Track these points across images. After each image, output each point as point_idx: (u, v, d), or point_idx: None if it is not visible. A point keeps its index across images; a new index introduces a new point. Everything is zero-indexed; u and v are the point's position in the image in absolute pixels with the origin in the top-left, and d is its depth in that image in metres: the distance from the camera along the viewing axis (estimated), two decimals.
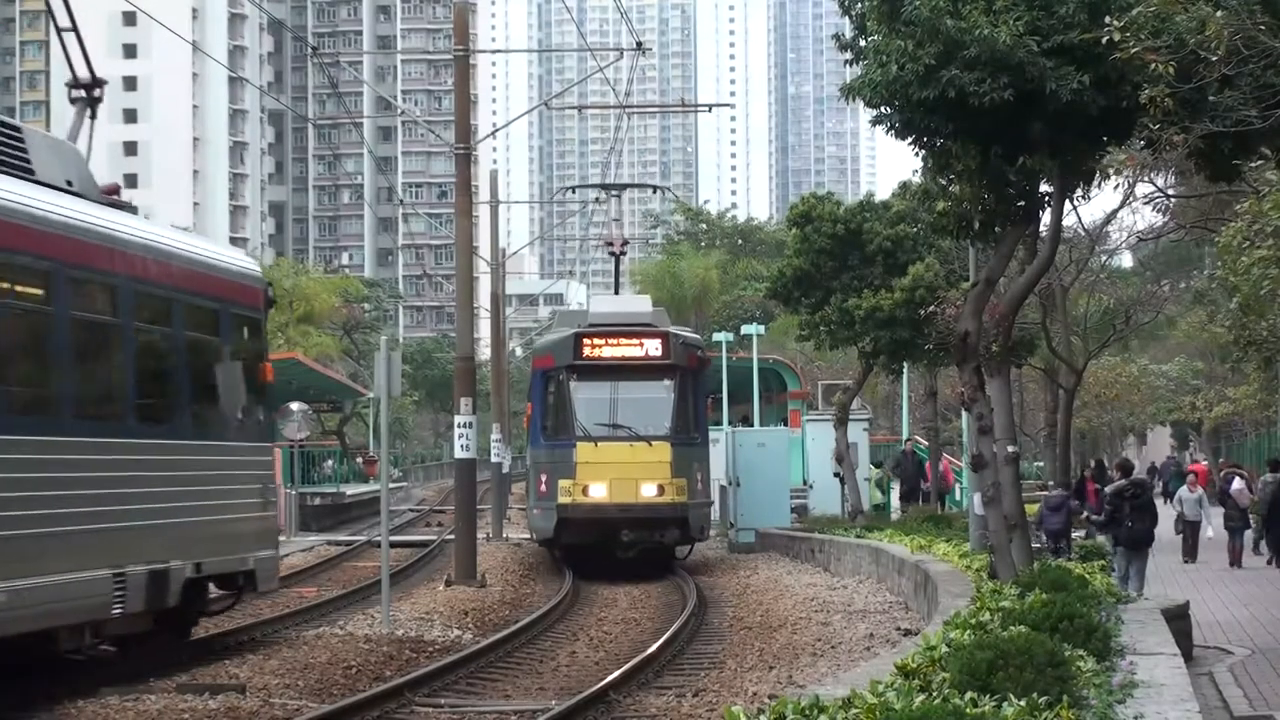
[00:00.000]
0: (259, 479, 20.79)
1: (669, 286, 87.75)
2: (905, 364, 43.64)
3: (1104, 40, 15.47)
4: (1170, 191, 37.13)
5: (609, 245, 41.64)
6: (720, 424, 46.52)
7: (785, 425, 51.33)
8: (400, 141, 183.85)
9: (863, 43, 18.44)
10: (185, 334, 19.12)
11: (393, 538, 29.75)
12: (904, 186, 38.90)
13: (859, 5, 18.45)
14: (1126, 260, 57.67)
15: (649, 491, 31.39)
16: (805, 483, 47.11)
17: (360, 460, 75.77)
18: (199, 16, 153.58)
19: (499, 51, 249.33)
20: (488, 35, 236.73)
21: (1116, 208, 40.84)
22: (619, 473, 31.33)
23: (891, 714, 8.19)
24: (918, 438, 48.29)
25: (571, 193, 40.30)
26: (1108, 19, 15.67)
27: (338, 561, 36.65)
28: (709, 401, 36.55)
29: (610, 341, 32.29)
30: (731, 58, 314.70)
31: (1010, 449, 20.21)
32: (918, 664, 10.47)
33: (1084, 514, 29.69)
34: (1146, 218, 42.92)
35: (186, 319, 19.15)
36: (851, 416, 41.67)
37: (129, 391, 17.96)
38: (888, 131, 18.63)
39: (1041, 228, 21.50)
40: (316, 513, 53.05)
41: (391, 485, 43.05)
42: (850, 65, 18.90)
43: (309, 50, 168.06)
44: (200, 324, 19.64)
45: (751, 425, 48.50)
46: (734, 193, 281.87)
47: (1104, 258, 45.18)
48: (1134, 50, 15.04)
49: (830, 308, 37.38)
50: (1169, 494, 48.89)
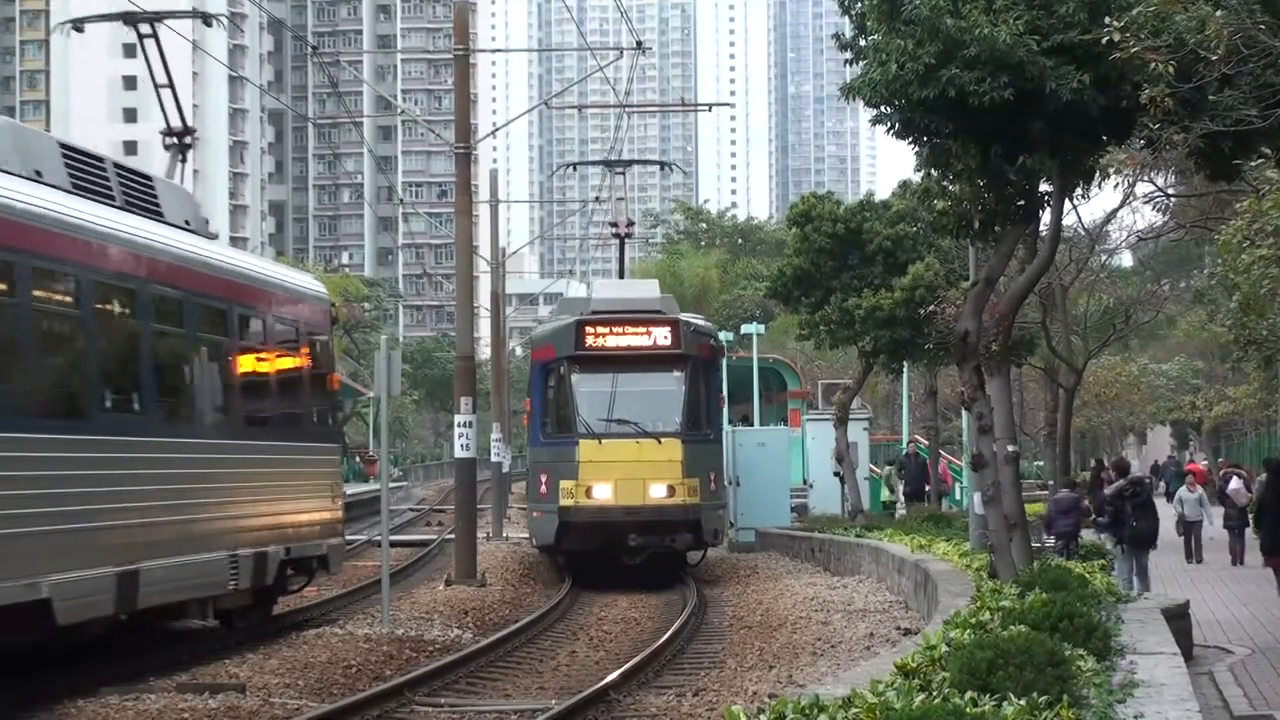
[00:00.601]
0: (331, 475, 23.76)
1: (669, 286, 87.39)
2: (905, 363, 43.66)
3: (1104, 40, 15.47)
4: (1170, 191, 37.16)
5: (613, 226, 39.40)
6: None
7: (785, 425, 51.34)
8: (400, 141, 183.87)
9: (862, 42, 18.43)
10: (277, 350, 22.32)
11: (393, 537, 29.78)
12: (904, 186, 38.91)
13: (859, 4, 18.45)
14: (1126, 260, 57.70)
15: (658, 492, 29.21)
16: (805, 482, 47.14)
17: (360, 460, 75.75)
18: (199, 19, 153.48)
19: (499, 51, 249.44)
20: (488, 35, 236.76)
21: (1116, 207, 40.95)
22: (625, 472, 29.16)
23: (891, 713, 8.19)
24: (919, 438, 48.30)
25: (572, 170, 38.28)
26: (1108, 19, 15.67)
27: None
28: (722, 395, 34.20)
29: (615, 329, 30.00)
30: (731, 57, 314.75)
31: (1010, 448, 20.21)
32: (918, 663, 10.46)
33: (1092, 515, 29.62)
34: (1146, 217, 42.99)
35: (278, 338, 22.40)
36: (851, 416, 41.67)
37: (240, 401, 21.12)
38: (887, 131, 18.63)
39: (1041, 227, 21.50)
40: None
41: (391, 485, 43.03)
42: (850, 65, 18.89)
43: (309, 49, 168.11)
44: (286, 341, 22.75)
45: (751, 425, 48.50)
46: (734, 192, 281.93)
47: (1104, 257, 45.22)
48: (1134, 50, 15.04)
49: (830, 307, 37.38)
50: (1170, 494, 48.90)
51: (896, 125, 18.26)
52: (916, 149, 19.38)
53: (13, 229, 15.63)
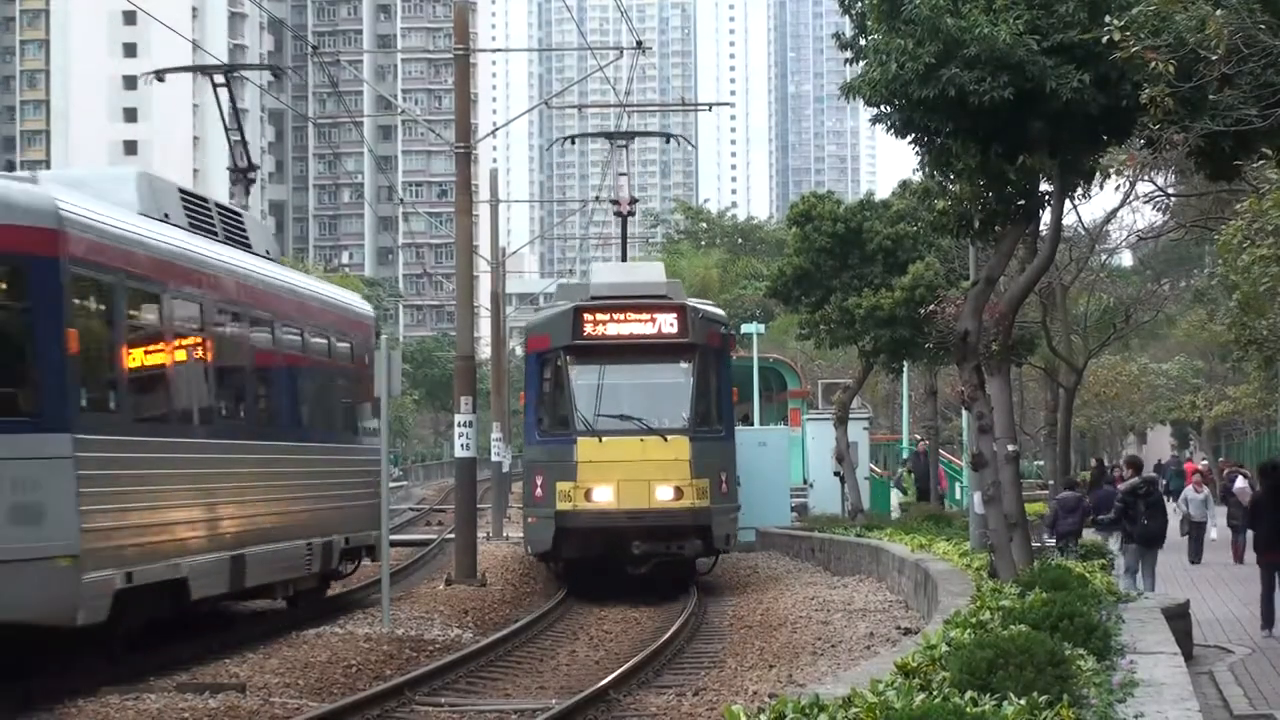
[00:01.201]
0: (374, 474, 25.62)
1: None
2: (905, 363, 43.68)
3: (1104, 39, 15.47)
4: (1170, 190, 37.16)
5: (614, 204, 36.70)
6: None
7: (785, 424, 51.34)
8: (400, 140, 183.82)
9: (863, 41, 18.43)
10: (337, 364, 25.43)
11: (393, 537, 29.74)
12: (904, 185, 38.92)
13: (859, 4, 18.45)
14: (1126, 259, 57.70)
15: (664, 494, 27.08)
16: (805, 482, 47.14)
17: None
18: (199, 15, 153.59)
19: (499, 50, 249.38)
20: (488, 34, 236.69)
21: (1116, 207, 40.95)
22: (628, 473, 27.01)
23: (891, 713, 8.19)
24: (916, 436, 48.30)
25: (571, 143, 35.57)
26: (1108, 18, 15.67)
27: None
28: (735, 388, 31.48)
29: (616, 316, 27.81)
30: (731, 57, 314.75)
31: (1010, 448, 20.21)
32: (918, 663, 10.46)
33: (1093, 515, 29.57)
34: (1146, 216, 43.02)
35: (338, 352, 25.49)
36: (851, 415, 41.68)
37: (313, 408, 24.34)
38: (887, 130, 18.63)
39: (1041, 227, 21.51)
40: None
41: (392, 485, 43.03)
42: (850, 64, 18.89)
43: (309, 49, 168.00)
44: (342, 355, 25.73)
45: (751, 424, 48.50)
46: (734, 192, 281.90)
47: (1104, 257, 45.23)
48: (1134, 49, 15.03)
49: (830, 306, 37.38)
50: (1169, 492, 48.89)
51: (896, 125, 18.27)
52: (916, 148, 19.38)
53: (154, 264, 18.66)
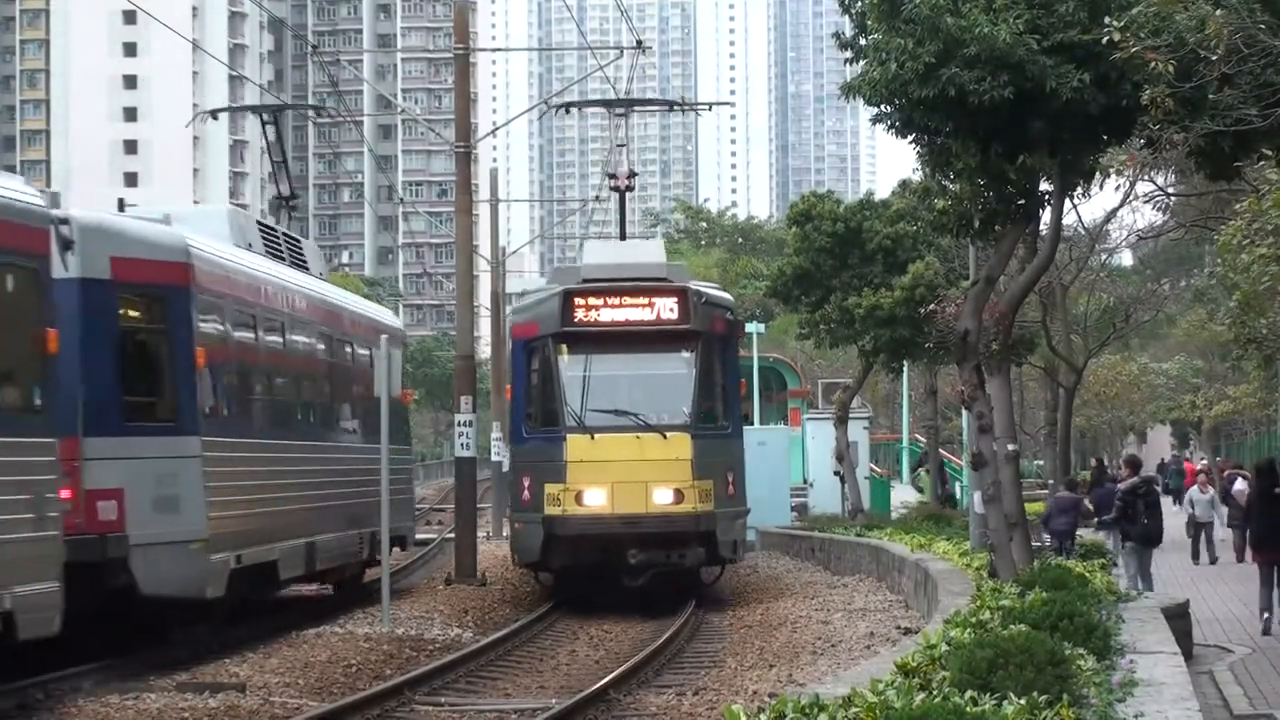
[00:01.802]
0: (406, 471, 28.73)
1: None
2: (905, 362, 43.69)
3: (1104, 40, 15.47)
4: (1170, 190, 37.15)
5: (611, 178, 33.26)
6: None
7: (785, 424, 51.36)
8: (400, 140, 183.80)
9: (863, 41, 18.44)
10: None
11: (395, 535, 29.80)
12: (904, 185, 38.94)
13: (859, 3, 18.45)
14: (1126, 259, 57.70)
15: (663, 498, 24.73)
16: (805, 481, 47.17)
17: None
18: (199, 15, 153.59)
19: (499, 50, 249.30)
20: (488, 34, 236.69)
21: (1116, 206, 40.92)
22: (623, 474, 24.66)
23: (891, 712, 8.19)
24: (918, 435, 48.33)
25: (566, 112, 32.11)
26: (1108, 18, 15.67)
27: None
28: (742, 380, 28.93)
29: (610, 301, 25.41)
30: (731, 56, 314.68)
31: (1010, 447, 20.22)
32: (918, 662, 10.46)
33: (1093, 514, 29.58)
34: (1146, 216, 42.99)
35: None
36: (851, 415, 41.71)
37: (360, 413, 26.29)
38: (888, 130, 18.65)
39: (1041, 226, 21.51)
40: None
41: None
42: (850, 64, 18.90)
43: (309, 48, 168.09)
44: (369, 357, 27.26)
45: (751, 424, 48.51)
46: (734, 191, 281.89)
47: (1104, 256, 45.23)
48: (1134, 50, 15.04)
49: (830, 306, 37.40)
50: (1169, 492, 48.88)
51: (896, 124, 18.28)
52: (917, 148, 19.39)
53: (250, 289, 21.46)
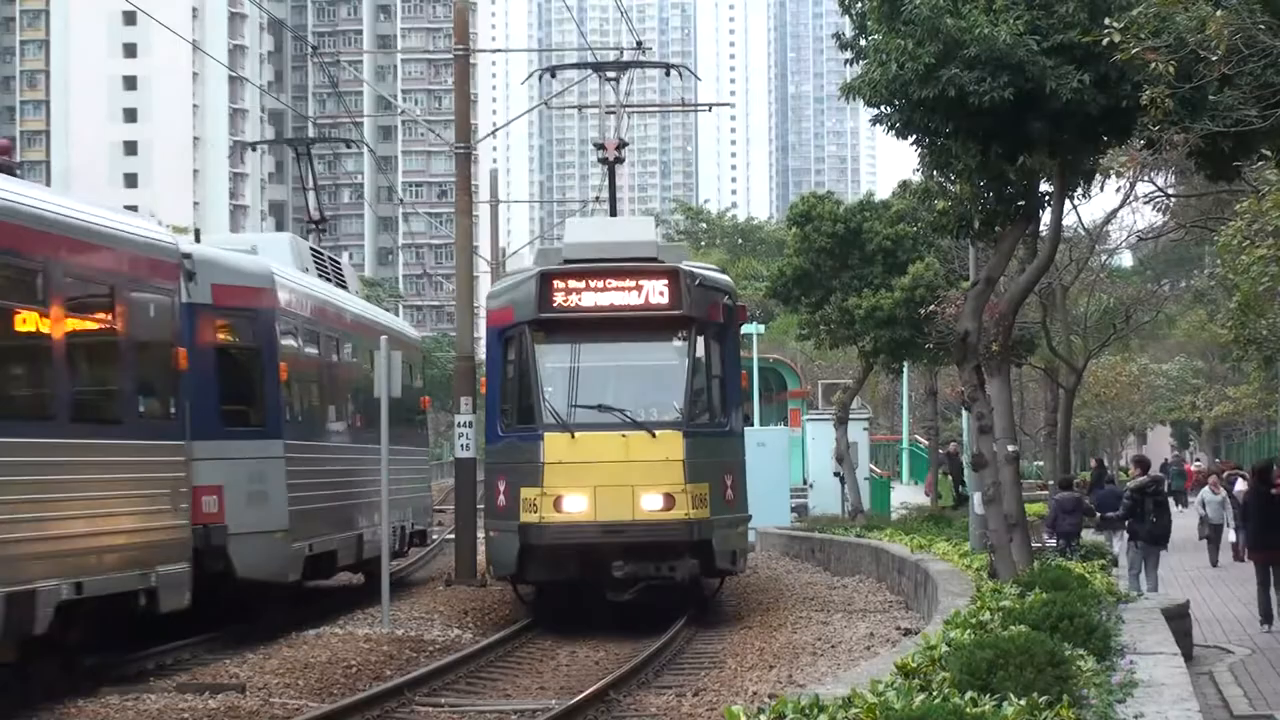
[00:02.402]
0: (427, 472, 31.67)
1: None
2: (905, 363, 43.72)
3: (1104, 41, 15.48)
4: (1170, 191, 37.18)
5: (599, 149, 30.01)
6: None
7: (785, 424, 51.36)
8: (400, 141, 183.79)
9: (863, 42, 18.46)
10: (405, 373, 29.13)
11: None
12: (904, 186, 38.93)
13: (859, 4, 18.47)
14: (1126, 260, 57.73)
15: (652, 503, 22.13)
16: (805, 482, 47.17)
17: None
18: (199, 16, 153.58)
19: (499, 51, 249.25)
20: (488, 34, 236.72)
21: (1116, 207, 40.98)
22: (607, 476, 22.09)
23: (891, 713, 8.19)
24: (918, 436, 48.32)
25: (551, 76, 29.91)
26: (1108, 19, 15.68)
27: None
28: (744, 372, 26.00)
29: (593, 283, 22.77)
30: (731, 57, 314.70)
31: (1010, 448, 20.23)
32: (918, 663, 10.46)
33: (1095, 514, 29.62)
34: (1146, 217, 43.05)
35: (407, 367, 28.50)
36: (851, 416, 41.72)
37: (392, 420, 28.47)
38: (888, 131, 18.66)
39: (1041, 227, 21.53)
40: None
41: None
42: (850, 64, 18.92)
43: (309, 49, 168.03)
44: (410, 373, 28.95)
45: (751, 425, 48.52)
46: (734, 192, 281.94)
47: (1104, 257, 45.25)
48: (1134, 51, 15.04)
49: (830, 307, 37.41)
50: (1171, 493, 48.85)
51: (896, 125, 18.29)
52: (917, 149, 19.40)
53: (315, 309, 24.54)
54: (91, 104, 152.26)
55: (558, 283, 22.77)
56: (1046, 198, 20.14)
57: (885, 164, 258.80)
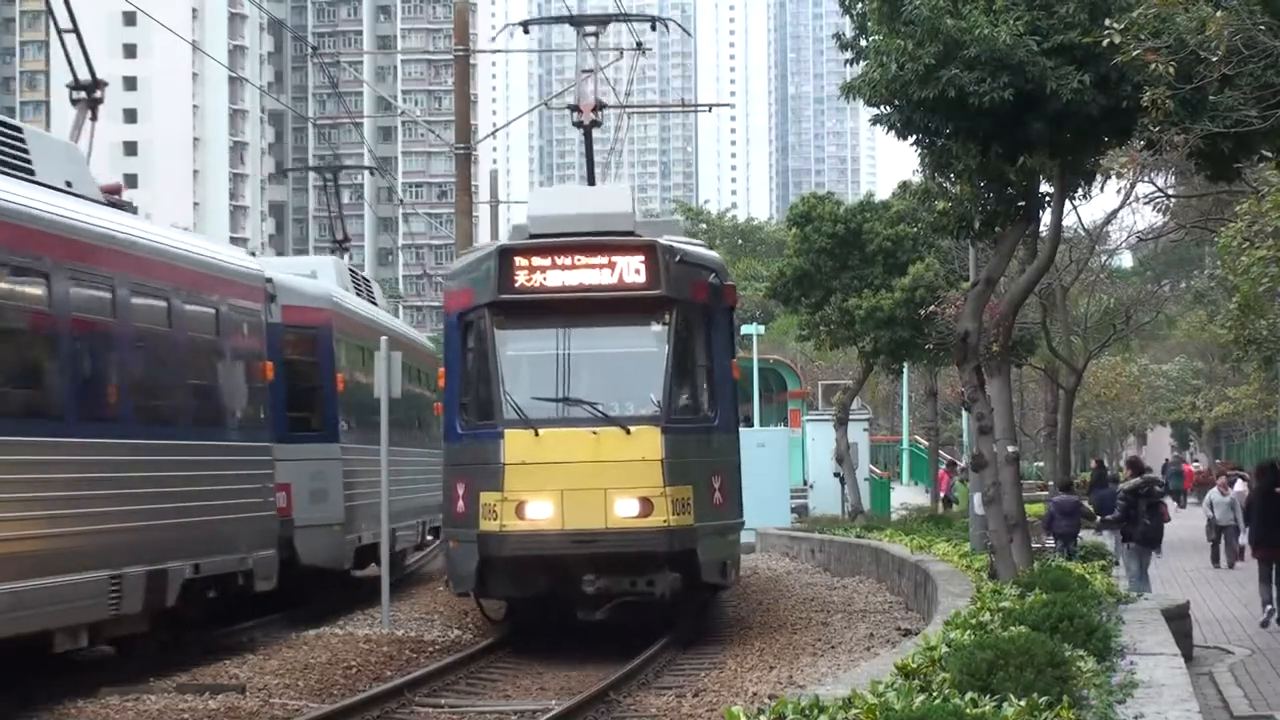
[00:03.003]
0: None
1: None
2: (905, 364, 43.73)
3: (1104, 42, 15.48)
4: (1170, 191, 37.19)
5: (574, 111, 27.55)
6: None
7: (785, 425, 51.37)
8: (400, 141, 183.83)
9: (863, 42, 18.47)
10: (422, 388, 31.16)
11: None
12: (904, 186, 38.96)
13: (859, 5, 18.47)
14: (1126, 260, 57.77)
15: (627, 509, 19.57)
16: (805, 483, 47.19)
17: None
18: (199, 16, 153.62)
19: (499, 51, 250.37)
20: (488, 35, 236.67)
21: (1116, 208, 41.02)
22: (575, 479, 19.56)
23: (891, 714, 8.19)
24: (918, 437, 48.32)
25: (524, 31, 28.03)
26: (1108, 20, 15.68)
27: None
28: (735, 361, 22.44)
29: (559, 260, 20.14)
30: (731, 58, 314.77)
31: (1010, 449, 20.24)
32: (918, 664, 10.47)
33: (1095, 515, 29.61)
34: (1146, 218, 43.12)
35: (424, 379, 30.99)
36: (851, 416, 41.73)
37: (421, 421, 31.21)
38: (888, 131, 18.66)
39: (1041, 228, 21.53)
40: None
41: None
42: (850, 65, 18.92)
43: (309, 50, 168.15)
44: (430, 378, 30.03)
45: (751, 425, 48.53)
46: (734, 193, 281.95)
47: (1104, 258, 45.25)
48: (1134, 52, 15.05)
49: (830, 307, 37.42)
50: (1169, 493, 48.86)
51: (897, 125, 18.29)
52: (917, 149, 19.40)
53: (363, 326, 27.33)
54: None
55: (519, 260, 20.14)
56: (1046, 198, 20.14)
57: (885, 164, 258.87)
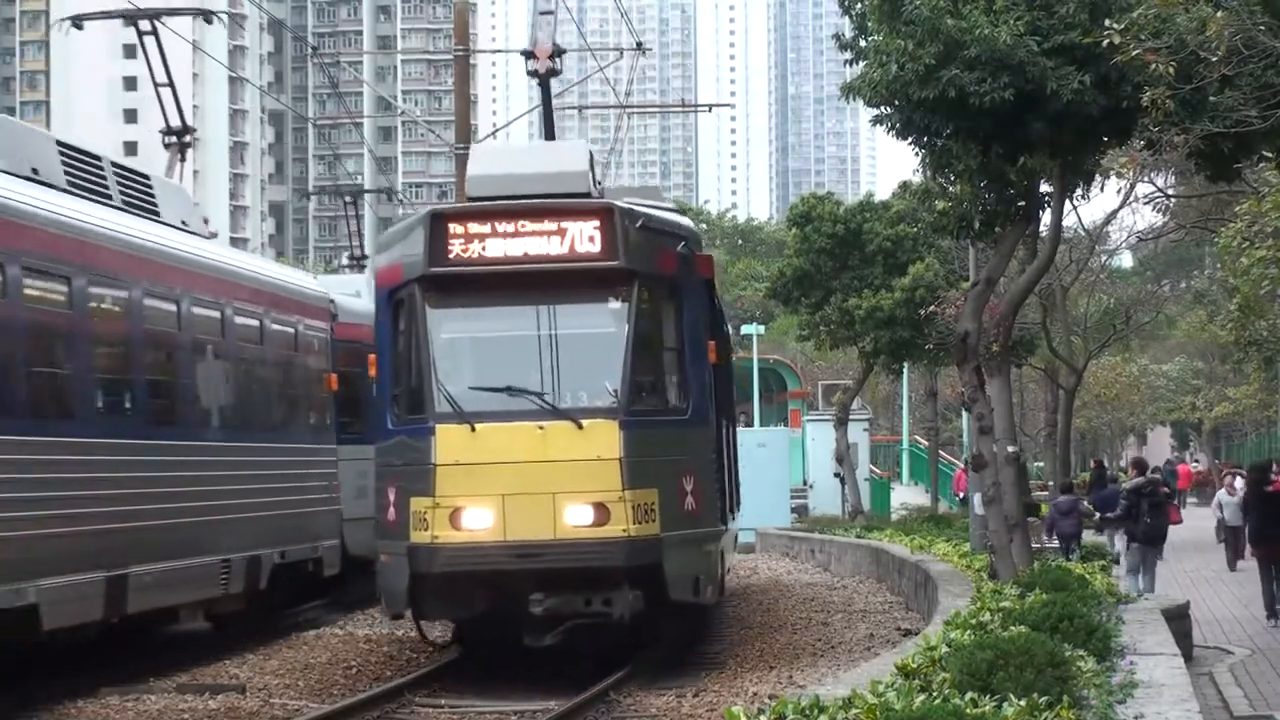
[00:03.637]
0: None
1: None
2: (905, 364, 43.73)
3: (1104, 42, 15.48)
4: (1170, 192, 37.20)
5: (528, 58, 23.36)
6: None
7: (785, 425, 51.39)
8: (400, 141, 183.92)
9: (863, 42, 18.47)
10: None
11: None
12: (904, 186, 38.98)
13: (859, 5, 18.48)
14: (1126, 260, 57.78)
15: (579, 516, 16.70)
16: (805, 483, 47.20)
17: None
18: (199, 17, 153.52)
19: (499, 51, 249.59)
20: (488, 35, 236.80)
21: (1116, 208, 41.05)
22: (520, 482, 16.66)
23: (892, 714, 8.19)
24: (918, 437, 48.31)
25: None
26: (1108, 20, 15.68)
27: None
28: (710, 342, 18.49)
29: (500, 227, 17.14)
30: (731, 58, 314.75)
31: (1010, 449, 20.23)
32: (918, 664, 10.47)
33: (1095, 515, 29.64)
34: (1146, 218, 43.13)
35: None
36: (851, 416, 41.74)
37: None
38: (888, 131, 18.66)
39: (1041, 228, 21.54)
40: None
41: None
42: (850, 65, 18.92)
43: (309, 50, 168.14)
44: None
45: (751, 425, 48.54)
46: (734, 193, 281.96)
47: (1104, 258, 45.26)
48: (1134, 52, 15.05)
49: (830, 307, 37.43)
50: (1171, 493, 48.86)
51: (897, 125, 18.29)
52: (917, 150, 19.41)
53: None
54: (91, 105, 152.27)
55: (454, 227, 17.16)
56: (1047, 198, 20.15)
57: (885, 164, 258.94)
